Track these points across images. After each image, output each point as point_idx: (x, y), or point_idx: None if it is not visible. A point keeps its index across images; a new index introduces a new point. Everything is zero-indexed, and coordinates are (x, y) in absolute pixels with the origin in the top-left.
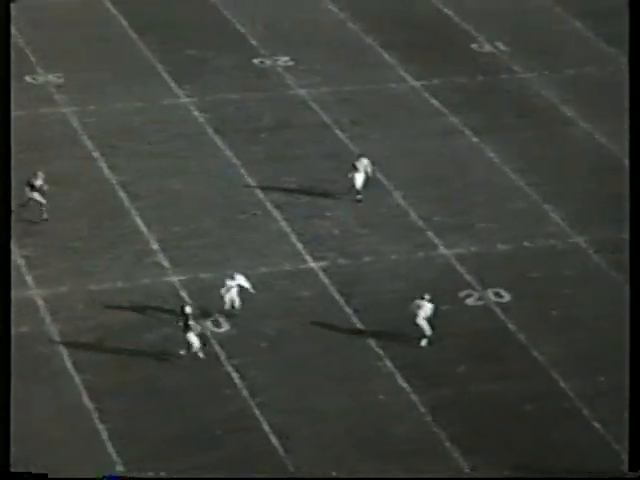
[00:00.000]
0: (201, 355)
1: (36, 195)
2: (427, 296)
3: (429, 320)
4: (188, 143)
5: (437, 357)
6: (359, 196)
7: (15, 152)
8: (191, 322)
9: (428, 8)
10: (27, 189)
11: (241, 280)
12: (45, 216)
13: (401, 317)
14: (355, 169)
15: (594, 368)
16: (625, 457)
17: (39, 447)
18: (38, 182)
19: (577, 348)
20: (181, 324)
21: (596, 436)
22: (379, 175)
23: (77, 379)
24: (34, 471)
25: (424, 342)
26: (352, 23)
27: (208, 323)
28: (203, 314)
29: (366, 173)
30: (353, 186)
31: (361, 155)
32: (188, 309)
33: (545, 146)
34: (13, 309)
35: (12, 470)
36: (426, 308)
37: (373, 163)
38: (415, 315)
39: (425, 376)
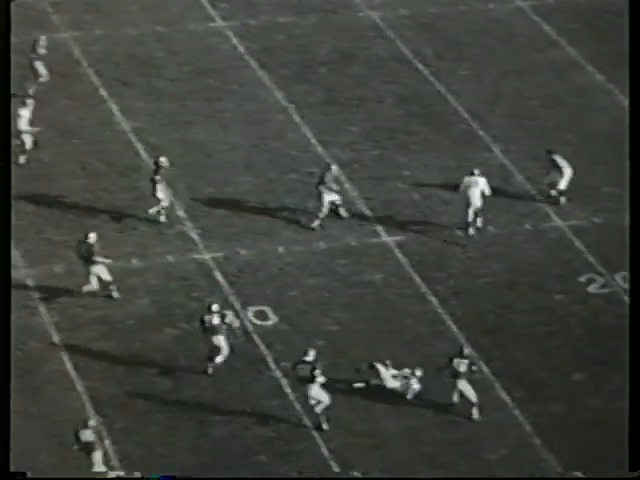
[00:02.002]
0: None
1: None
2: (477, 171)
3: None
4: (223, 80)
5: (546, 361)
6: (562, 198)
7: None
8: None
9: None
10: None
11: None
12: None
13: (498, 307)
14: (556, 166)
15: None
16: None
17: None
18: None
19: None
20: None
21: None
22: (473, 124)
23: (78, 386)
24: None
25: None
26: None
27: (250, 314)
28: (244, 303)
29: (570, 167)
30: (552, 187)
31: (551, 152)
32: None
33: None
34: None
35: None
36: (479, 185)
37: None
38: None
39: (530, 386)
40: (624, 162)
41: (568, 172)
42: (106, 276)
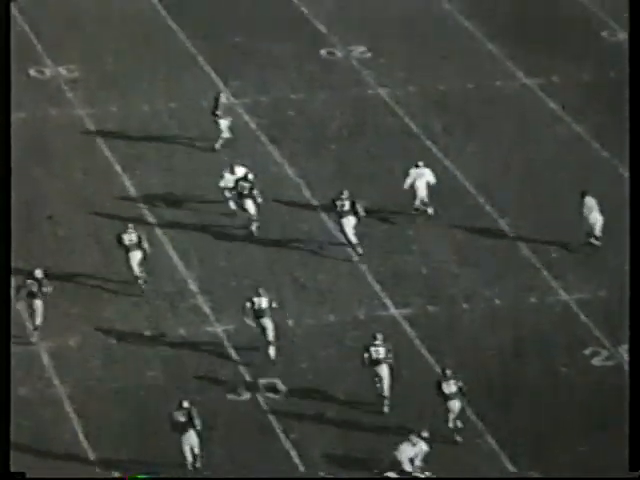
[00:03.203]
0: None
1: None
2: (421, 163)
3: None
4: (235, 156)
5: (552, 432)
6: (597, 242)
7: (15, 165)
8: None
9: None
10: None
11: None
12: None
13: (505, 379)
14: (586, 208)
15: None
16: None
17: None
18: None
19: None
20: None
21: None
22: (480, 198)
23: (90, 455)
24: None
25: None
26: (448, 3)
27: (260, 386)
28: (255, 374)
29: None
30: (589, 233)
31: (585, 193)
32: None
33: None
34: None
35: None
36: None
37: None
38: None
39: (535, 456)
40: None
41: (592, 218)
42: (137, 266)
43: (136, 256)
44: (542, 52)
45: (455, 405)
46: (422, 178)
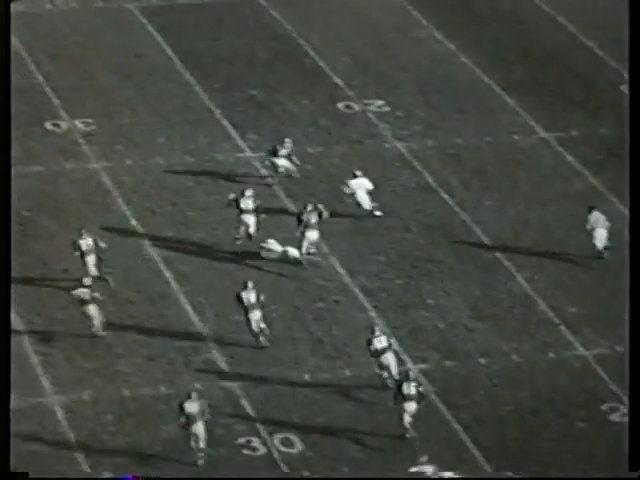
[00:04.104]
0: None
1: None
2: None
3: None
4: None
5: None
6: (605, 253)
7: (28, 218)
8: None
9: (561, 38)
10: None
11: None
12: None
13: (522, 435)
14: (592, 224)
15: None
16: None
17: None
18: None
19: None
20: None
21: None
22: (497, 254)
23: None
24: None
25: None
26: (465, 57)
27: (276, 441)
28: (270, 430)
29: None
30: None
31: (593, 208)
32: None
33: None
34: (23, 418)
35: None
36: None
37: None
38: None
39: None
40: None
41: (597, 232)
42: (95, 268)
43: (93, 259)
44: (560, 106)
45: (411, 407)
46: (362, 188)
